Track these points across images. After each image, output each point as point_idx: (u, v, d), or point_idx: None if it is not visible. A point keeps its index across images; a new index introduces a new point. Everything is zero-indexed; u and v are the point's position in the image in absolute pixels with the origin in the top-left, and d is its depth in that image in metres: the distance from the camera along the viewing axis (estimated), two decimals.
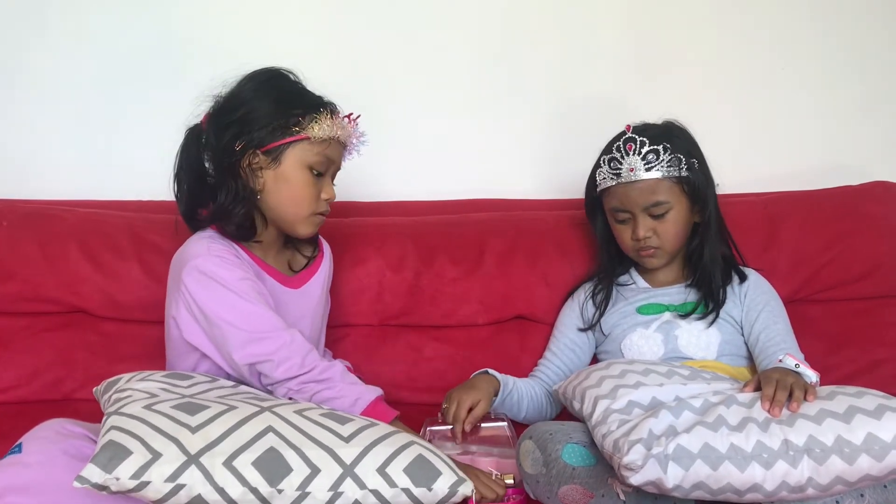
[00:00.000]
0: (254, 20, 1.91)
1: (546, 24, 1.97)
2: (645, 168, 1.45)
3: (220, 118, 1.33)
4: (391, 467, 1.05)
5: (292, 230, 1.38)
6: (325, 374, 1.28)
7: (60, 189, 1.82)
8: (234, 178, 1.32)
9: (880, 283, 1.73)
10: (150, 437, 1.02)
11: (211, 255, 1.30)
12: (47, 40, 1.86)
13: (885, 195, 1.79)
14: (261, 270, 1.39)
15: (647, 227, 1.48)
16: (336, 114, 1.36)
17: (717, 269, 1.51)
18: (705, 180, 1.50)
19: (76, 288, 1.62)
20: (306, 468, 1.03)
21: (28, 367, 1.60)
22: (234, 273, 1.29)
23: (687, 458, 1.06)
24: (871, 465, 1.04)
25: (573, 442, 1.21)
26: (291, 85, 1.37)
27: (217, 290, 1.28)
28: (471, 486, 1.08)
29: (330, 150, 1.35)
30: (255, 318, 1.28)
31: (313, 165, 1.34)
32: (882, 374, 1.64)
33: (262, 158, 1.32)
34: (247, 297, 1.28)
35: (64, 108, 1.89)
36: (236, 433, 1.05)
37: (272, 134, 1.31)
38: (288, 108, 1.32)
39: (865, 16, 2.02)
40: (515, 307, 1.73)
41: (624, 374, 1.27)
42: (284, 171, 1.33)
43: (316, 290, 1.49)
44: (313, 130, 1.31)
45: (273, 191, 1.34)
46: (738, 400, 1.14)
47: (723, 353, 1.48)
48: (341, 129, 1.35)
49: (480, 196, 1.91)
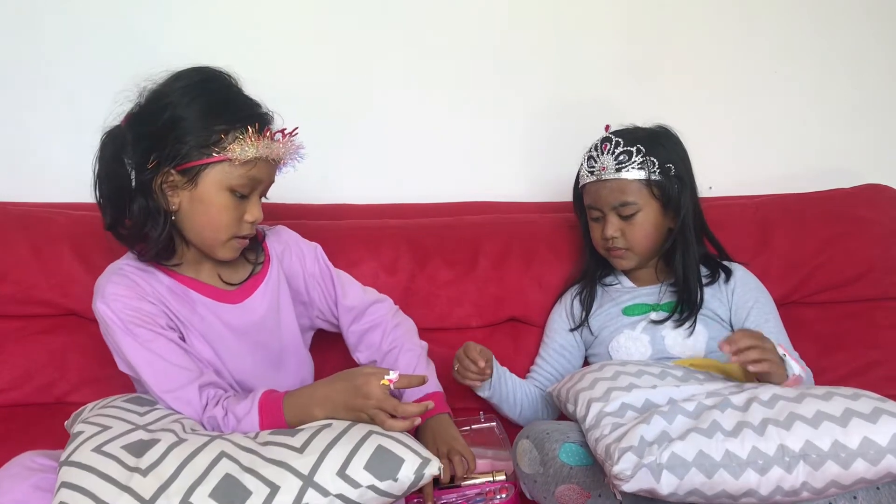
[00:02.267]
0: (251, 22, 1.90)
1: (540, 27, 1.97)
2: (615, 168, 1.48)
3: (140, 124, 1.21)
4: (351, 468, 1.04)
5: (211, 254, 1.26)
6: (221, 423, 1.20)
7: (54, 192, 1.81)
8: (145, 195, 1.20)
9: (872, 286, 1.74)
10: (102, 489, 1.01)
11: (107, 298, 1.21)
12: (42, 42, 1.85)
13: (876, 198, 1.81)
14: (190, 292, 1.29)
15: (615, 226, 1.51)
16: (265, 130, 1.21)
17: (691, 275, 1.52)
18: (680, 186, 1.50)
19: (69, 290, 1.60)
20: (265, 488, 1.01)
21: (20, 370, 1.59)
22: (127, 320, 1.20)
23: (681, 467, 1.05)
24: (867, 469, 1.04)
25: (570, 441, 1.21)
26: (223, 91, 1.23)
27: (115, 336, 1.22)
28: (437, 465, 1.07)
29: (256, 170, 1.21)
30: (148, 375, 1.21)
31: (235, 188, 1.21)
32: (875, 376, 1.65)
33: (176, 177, 1.19)
34: (143, 346, 1.20)
35: (57, 110, 1.88)
36: (189, 466, 1.04)
37: (190, 152, 1.17)
38: (213, 122, 1.17)
39: (858, 20, 2.03)
40: (509, 309, 1.73)
41: (617, 376, 1.27)
42: (202, 193, 1.20)
43: (261, 303, 1.35)
44: (235, 152, 1.17)
45: (189, 212, 1.21)
46: (732, 403, 1.14)
47: (710, 350, 1.49)
48: (268, 149, 1.20)
49: (474, 199, 1.92)
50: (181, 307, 1.28)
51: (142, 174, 1.20)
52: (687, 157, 1.54)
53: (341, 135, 1.91)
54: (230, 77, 1.25)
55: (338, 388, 1.17)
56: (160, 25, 1.87)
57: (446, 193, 1.92)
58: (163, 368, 1.21)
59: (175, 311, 1.27)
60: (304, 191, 1.79)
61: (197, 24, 1.89)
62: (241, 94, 1.25)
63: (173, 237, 1.25)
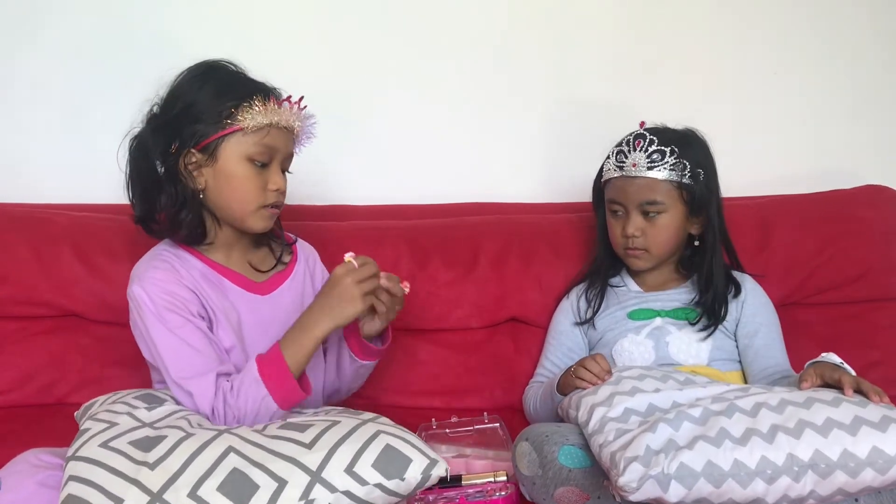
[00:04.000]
0: (247, 24, 1.91)
1: (543, 28, 1.97)
2: (647, 166, 1.46)
3: (158, 118, 1.29)
4: (359, 465, 1.04)
5: (243, 226, 1.32)
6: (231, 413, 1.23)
7: (53, 192, 1.81)
8: (173, 181, 1.28)
9: (872, 287, 1.74)
10: (110, 482, 1.01)
11: (145, 282, 1.26)
12: (39, 43, 1.85)
13: (876, 199, 1.80)
14: (222, 279, 1.35)
15: (637, 225, 1.49)
16: (270, 98, 1.28)
17: (720, 285, 1.51)
18: (708, 193, 1.50)
19: (69, 291, 1.61)
20: (273, 483, 1.02)
21: (21, 371, 1.60)
22: (161, 304, 1.25)
23: (690, 477, 1.04)
24: (874, 477, 1.04)
25: (569, 444, 1.20)
26: (228, 75, 1.31)
27: (145, 319, 1.25)
28: (444, 467, 1.08)
29: (269, 138, 1.28)
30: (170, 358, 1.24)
31: (253, 156, 1.28)
32: (874, 376, 1.62)
33: (198, 157, 1.27)
34: (171, 331, 1.25)
35: (56, 111, 1.88)
36: (197, 461, 1.04)
37: (205, 129, 1.26)
38: (221, 100, 1.26)
39: (858, 20, 2.03)
40: (509, 310, 1.73)
41: (619, 381, 1.27)
42: (223, 167, 1.27)
43: (287, 297, 1.42)
44: (245, 120, 1.25)
45: (215, 188, 1.29)
46: (739, 407, 1.13)
47: (714, 358, 1.48)
48: (277, 115, 1.27)
49: (474, 199, 1.91)
50: (213, 293, 1.32)
51: (167, 161, 1.28)
52: (714, 163, 1.53)
53: (341, 136, 1.91)
54: (234, 64, 1.33)
55: (316, 303, 1.27)
56: (160, 27, 1.88)
57: (446, 194, 1.92)
58: (186, 354, 1.24)
59: (207, 297, 1.31)
60: (304, 192, 1.79)
61: (196, 24, 1.89)
62: (246, 76, 1.33)
63: (204, 219, 1.32)
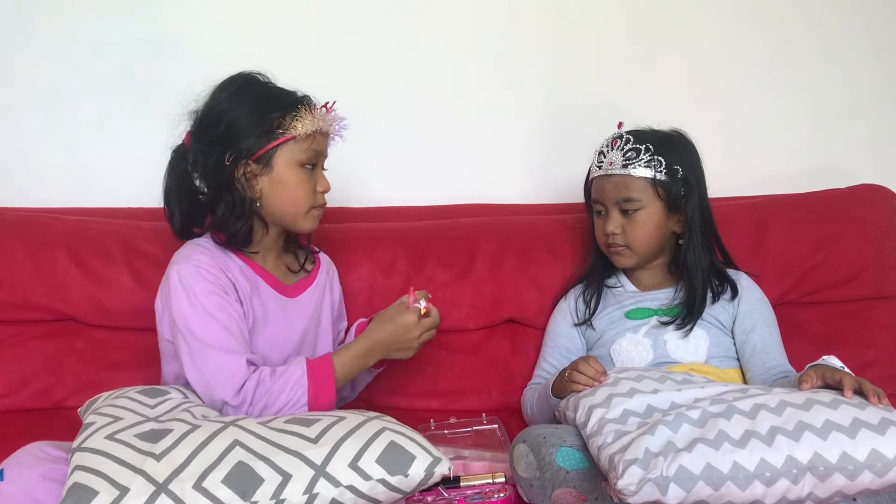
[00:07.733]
0: (244, 25, 1.91)
1: (538, 29, 1.97)
2: (622, 164, 1.49)
3: (204, 135, 1.35)
4: (363, 460, 1.06)
5: (295, 228, 1.41)
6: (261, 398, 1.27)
7: (49, 196, 1.81)
8: (230, 191, 1.34)
9: (868, 286, 1.75)
10: (116, 471, 1.02)
11: (190, 263, 1.31)
12: (35, 46, 1.85)
13: (871, 198, 1.81)
14: (258, 278, 1.41)
15: (616, 223, 1.52)
16: (313, 106, 1.37)
17: (698, 280, 1.52)
18: (687, 190, 1.51)
19: (65, 295, 1.60)
20: (277, 476, 1.03)
21: (17, 375, 1.59)
22: (204, 286, 1.30)
23: (688, 480, 1.04)
24: (872, 480, 1.04)
25: (567, 445, 1.21)
26: (264, 88, 1.38)
27: (183, 298, 1.29)
28: (447, 465, 1.09)
29: (316, 143, 1.38)
30: (205, 334, 1.28)
31: (304, 161, 1.36)
32: (871, 375, 1.61)
33: (254, 167, 1.34)
34: (209, 312, 1.29)
35: (52, 115, 1.88)
36: (202, 453, 1.05)
37: (259, 141, 1.32)
38: (267, 112, 1.33)
39: (853, 20, 2.03)
40: (506, 311, 1.73)
41: (617, 382, 1.27)
42: (278, 174, 1.35)
43: (310, 300, 1.49)
44: (297, 129, 1.33)
45: (271, 195, 1.36)
46: (738, 409, 1.13)
47: (712, 355, 1.49)
48: (322, 121, 1.37)
49: (471, 201, 1.92)
50: (248, 289, 1.38)
51: (223, 173, 1.33)
52: (699, 162, 1.54)
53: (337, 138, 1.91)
54: (263, 75, 1.39)
55: (384, 332, 1.37)
56: (159, 28, 1.88)
57: (444, 195, 1.92)
58: (222, 335, 1.28)
59: (243, 291, 1.36)
60: None
61: (196, 25, 1.90)
62: (278, 87, 1.39)
63: (253, 225, 1.38)
